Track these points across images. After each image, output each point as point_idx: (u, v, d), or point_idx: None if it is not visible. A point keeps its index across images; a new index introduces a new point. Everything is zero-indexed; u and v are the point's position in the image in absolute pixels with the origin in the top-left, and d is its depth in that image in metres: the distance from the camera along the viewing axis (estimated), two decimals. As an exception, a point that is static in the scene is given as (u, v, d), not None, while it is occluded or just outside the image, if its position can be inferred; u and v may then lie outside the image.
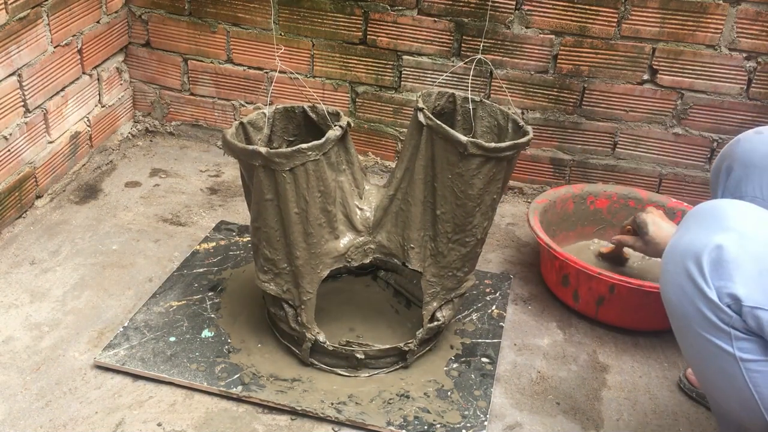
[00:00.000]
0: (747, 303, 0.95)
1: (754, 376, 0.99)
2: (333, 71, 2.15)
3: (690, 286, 0.99)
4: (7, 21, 1.73)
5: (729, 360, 0.99)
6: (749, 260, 0.96)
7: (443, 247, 1.39)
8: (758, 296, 0.95)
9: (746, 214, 1.00)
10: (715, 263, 0.97)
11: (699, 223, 1.02)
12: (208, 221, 1.95)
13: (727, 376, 1.01)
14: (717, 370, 1.02)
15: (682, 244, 1.02)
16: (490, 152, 1.29)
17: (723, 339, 0.99)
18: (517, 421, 1.41)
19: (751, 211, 1.01)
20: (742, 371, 0.99)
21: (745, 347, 0.98)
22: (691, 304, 1.00)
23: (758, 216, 1.00)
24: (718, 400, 1.08)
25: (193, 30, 2.19)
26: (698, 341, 1.02)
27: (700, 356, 1.04)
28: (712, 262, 0.97)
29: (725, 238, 0.97)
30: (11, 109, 1.80)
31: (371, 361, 1.45)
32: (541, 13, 1.95)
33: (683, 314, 1.02)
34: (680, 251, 1.01)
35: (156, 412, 1.37)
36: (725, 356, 0.99)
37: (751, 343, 0.98)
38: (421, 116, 1.33)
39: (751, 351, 0.98)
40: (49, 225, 1.90)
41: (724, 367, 1.01)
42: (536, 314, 1.69)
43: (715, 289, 0.97)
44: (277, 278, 1.39)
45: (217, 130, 2.33)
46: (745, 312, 0.96)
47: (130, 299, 1.65)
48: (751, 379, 0.99)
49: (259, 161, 1.28)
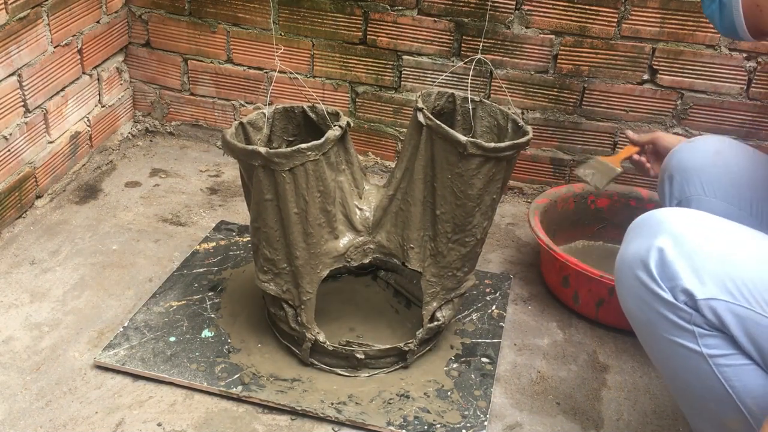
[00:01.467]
0: (699, 296, 0.98)
1: (724, 371, 1.00)
2: (333, 71, 2.15)
3: (645, 292, 1.02)
4: (7, 21, 1.73)
5: (698, 359, 1.01)
6: (688, 257, 0.99)
7: (443, 247, 1.39)
8: (708, 288, 0.97)
9: (678, 217, 1.04)
10: (661, 265, 1.00)
11: (638, 233, 1.06)
12: (208, 221, 1.95)
13: (699, 376, 1.02)
14: (688, 371, 1.03)
15: (628, 255, 1.05)
16: (489, 152, 1.29)
17: (688, 338, 1.01)
18: (517, 421, 1.41)
19: (682, 214, 1.05)
20: (713, 368, 1.01)
21: (711, 343, 1.00)
22: (651, 310, 1.03)
23: (689, 217, 1.05)
24: (693, 404, 1.09)
25: (193, 30, 2.19)
26: (665, 346, 1.04)
27: (669, 361, 1.05)
28: (658, 264, 1.01)
29: (663, 241, 1.01)
30: (11, 109, 1.80)
31: (371, 361, 1.45)
32: (541, 13, 1.95)
33: (646, 322, 1.05)
34: (628, 262, 1.05)
35: (156, 412, 1.37)
36: (694, 356, 1.01)
37: (716, 338, 0.99)
38: (420, 116, 1.33)
39: (718, 346, 1.00)
40: (49, 225, 1.90)
41: (694, 366, 1.02)
42: (536, 314, 1.69)
43: (669, 289, 1.00)
44: (277, 278, 1.39)
45: (217, 130, 2.33)
46: (701, 306, 0.98)
47: (130, 299, 1.66)
48: (723, 374, 1.00)
49: (258, 161, 1.28)
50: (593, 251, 1.88)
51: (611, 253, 1.88)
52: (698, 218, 1.05)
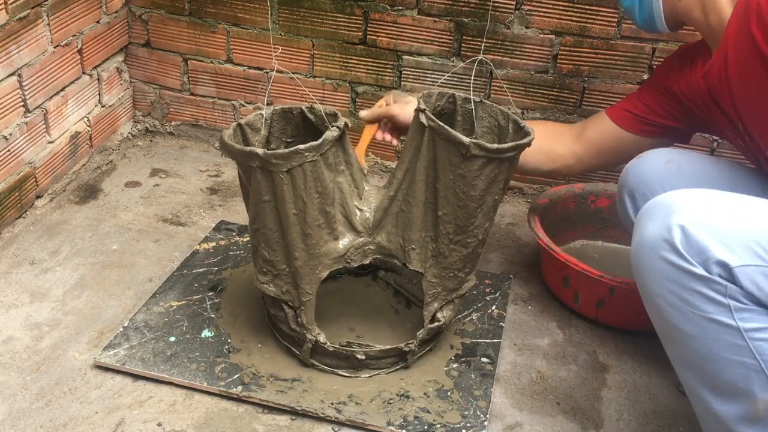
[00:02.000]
0: (734, 264, 0.96)
1: (759, 345, 0.99)
2: (333, 71, 2.15)
3: (674, 271, 1.00)
4: (7, 21, 1.73)
5: (732, 334, 0.99)
6: (711, 230, 0.98)
7: (444, 248, 1.39)
8: (740, 256, 0.96)
9: (687, 196, 1.04)
10: (686, 241, 0.98)
11: (651, 217, 1.05)
12: (208, 221, 1.95)
13: (732, 353, 1.00)
14: (720, 349, 1.01)
15: (648, 239, 1.03)
16: (492, 153, 1.29)
17: (723, 313, 0.98)
18: (517, 421, 1.41)
19: (690, 193, 1.05)
20: (748, 342, 0.99)
21: (746, 317, 0.98)
22: (683, 289, 1.00)
23: (697, 195, 1.04)
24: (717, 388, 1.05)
25: (193, 30, 2.19)
26: (697, 325, 1.01)
27: (700, 342, 1.02)
28: (683, 241, 0.99)
29: (681, 219, 1.00)
30: (11, 109, 1.80)
31: (372, 361, 1.45)
32: (541, 13, 1.95)
33: (676, 303, 1.02)
34: (649, 245, 1.03)
35: (156, 412, 1.37)
36: (728, 331, 0.99)
37: (752, 312, 0.98)
38: (423, 117, 1.33)
39: (753, 320, 0.98)
40: (49, 225, 1.90)
41: (728, 343, 1.00)
42: (536, 314, 1.69)
43: (700, 264, 0.98)
44: (277, 279, 1.39)
45: (217, 130, 2.33)
46: (737, 274, 0.96)
47: (130, 299, 1.66)
48: (757, 348, 0.99)
49: (256, 162, 1.28)
50: (593, 251, 1.88)
51: (611, 252, 1.88)
52: (705, 194, 1.04)
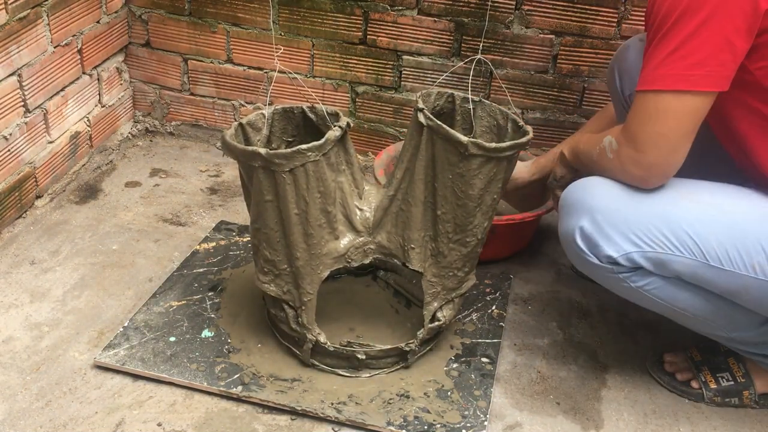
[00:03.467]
0: (615, 255, 1.29)
1: (651, 291, 1.33)
2: (333, 71, 2.15)
3: (581, 259, 1.33)
4: (7, 21, 1.73)
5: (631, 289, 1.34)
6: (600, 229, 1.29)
7: (444, 247, 1.39)
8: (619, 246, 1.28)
9: (591, 193, 1.31)
10: (583, 239, 1.31)
11: (565, 212, 1.35)
12: (208, 221, 1.95)
13: (642, 299, 1.37)
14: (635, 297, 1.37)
15: (562, 233, 1.36)
16: (491, 152, 1.29)
17: (618, 281, 1.33)
18: (517, 421, 1.41)
19: (595, 189, 1.31)
20: (643, 293, 1.34)
21: (634, 278, 1.32)
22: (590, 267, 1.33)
23: (600, 190, 1.31)
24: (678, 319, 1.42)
25: (193, 30, 2.19)
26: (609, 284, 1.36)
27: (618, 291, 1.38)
28: (582, 240, 1.31)
29: (581, 220, 1.30)
30: (11, 109, 1.80)
31: (372, 361, 1.45)
32: (541, 13, 1.96)
33: (590, 273, 1.37)
34: (564, 238, 1.35)
35: (156, 412, 1.37)
36: (628, 288, 1.34)
37: (636, 274, 1.31)
38: (421, 117, 1.33)
39: (639, 280, 1.32)
40: (49, 225, 1.90)
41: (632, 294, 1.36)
42: (536, 314, 1.69)
43: (594, 255, 1.31)
44: (278, 279, 1.39)
45: (217, 130, 2.33)
46: (619, 260, 1.29)
47: (130, 299, 1.66)
48: (651, 293, 1.33)
49: (258, 162, 1.28)
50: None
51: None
52: (606, 189, 1.30)
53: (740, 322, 1.37)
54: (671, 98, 1.20)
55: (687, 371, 1.50)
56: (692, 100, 1.20)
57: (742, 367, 1.47)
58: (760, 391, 1.46)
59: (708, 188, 1.32)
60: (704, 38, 1.16)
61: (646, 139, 1.23)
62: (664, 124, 1.21)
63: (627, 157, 1.27)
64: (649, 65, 1.21)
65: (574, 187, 1.36)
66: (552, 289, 1.78)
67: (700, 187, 1.32)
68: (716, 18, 1.15)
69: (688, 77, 1.18)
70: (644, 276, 1.31)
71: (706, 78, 1.18)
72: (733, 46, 1.16)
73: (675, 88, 1.19)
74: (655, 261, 1.28)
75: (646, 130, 1.23)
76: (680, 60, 1.17)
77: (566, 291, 1.77)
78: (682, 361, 1.51)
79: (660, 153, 1.23)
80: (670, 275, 1.31)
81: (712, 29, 1.15)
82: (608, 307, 1.72)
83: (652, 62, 1.21)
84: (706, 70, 1.17)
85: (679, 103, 1.20)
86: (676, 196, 1.29)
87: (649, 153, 1.24)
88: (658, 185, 1.29)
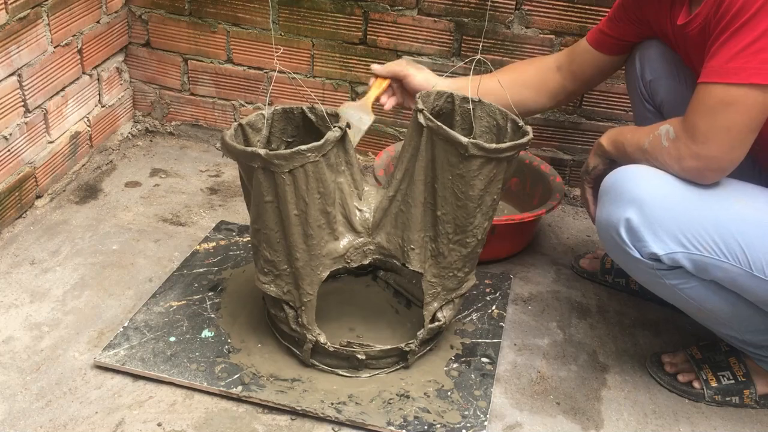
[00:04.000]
0: (661, 253, 1.27)
1: (684, 290, 1.33)
2: (333, 71, 2.15)
3: (620, 250, 1.31)
4: (7, 21, 1.73)
5: (666, 286, 1.33)
6: (649, 224, 1.26)
7: (444, 248, 1.39)
8: (667, 245, 1.26)
9: (639, 183, 1.28)
10: (629, 232, 1.28)
11: (608, 200, 1.32)
12: (208, 221, 1.95)
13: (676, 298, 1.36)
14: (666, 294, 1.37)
15: (603, 221, 1.33)
16: (491, 153, 1.29)
17: (656, 277, 1.32)
18: (517, 421, 1.41)
19: (643, 180, 1.29)
20: (677, 292, 1.33)
21: (671, 276, 1.31)
22: (627, 259, 1.32)
23: (648, 181, 1.28)
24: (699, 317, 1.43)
25: (193, 30, 2.19)
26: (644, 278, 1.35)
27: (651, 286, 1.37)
28: (627, 232, 1.28)
29: (629, 211, 1.27)
30: (11, 109, 1.80)
31: (372, 361, 1.45)
32: (541, 13, 1.95)
33: (625, 264, 1.35)
34: (604, 227, 1.33)
35: (156, 412, 1.37)
36: (664, 285, 1.33)
37: (675, 273, 1.30)
38: (421, 117, 1.33)
39: (677, 278, 1.31)
40: (49, 225, 1.90)
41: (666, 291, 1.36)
42: (536, 314, 1.69)
43: (637, 250, 1.29)
44: (278, 280, 1.40)
45: (217, 130, 2.33)
46: (663, 259, 1.27)
47: (130, 299, 1.66)
48: (683, 292, 1.33)
49: (258, 163, 1.28)
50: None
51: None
52: (658, 182, 1.28)
53: (758, 327, 1.37)
54: (742, 92, 1.19)
55: (688, 372, 1.49)
56: (762, 95, 1.18)
57: (743, 367, 1.47)
58: (760, 392, 1.46)
59: (763, 194, 1.30)
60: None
61: (708, 132, 1.22)
62: (730, 118, 1.20)
63: (685, 148, 1.25)
64: (721, 57, 1.20)
65: (622, 174, 1.32)
66: (552, 289, 1.78)
67: (755, 193, 1.30)
68: None
69: (762, 71, 1.17)
70: (681, 276, 1.30)
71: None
72: None
73: (749, 82, 1.18)
74: (699, 264, 1.27)
75: (709, 122, 1.21)
76: (755, 54, 1.17)
77: (566, 291, 1.77)
78: (683, 362, 1.51)
79: (721, 147, 1.22)
80: (708, 278, 1.29)
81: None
82: (608, 307, 1.72)
83: (724, 55, 1.19)
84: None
85: (751, 97, 1.19)
86: (730, 199, 1.27)
87: (710, 146, 1.22)
88: (713, 181, 1.27)
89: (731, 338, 1.44)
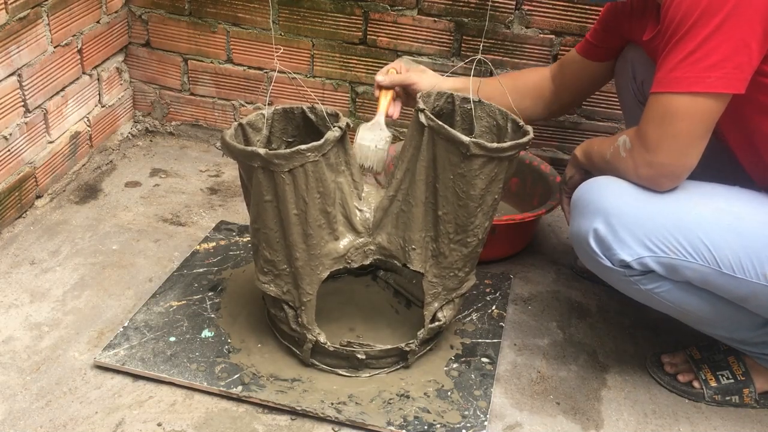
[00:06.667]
0: (629, 259, 1.29)
1: (660, 293, 1.34)
2: (333, 71, 2.15)
3: (592, 260, 1.34)
4: (7, 21, 1.73)
5: (642, 291, 1.35)
6: (615, 233, 1.29)
7: (445, 248, 1.39)
8: (634, 250, 1.29)
9: (605, 194, 1.31)
10: (597, 242, 1.31)
11: (578, 212, 1.35)
12: (208, 221, 1.95)
13: (652, 301, 1.38)
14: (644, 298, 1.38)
15: (574, 233, 1.37)
16: (492, 152, 1.29)
17: (629, 283, 1.34)
18: (517, 421, 1.41)
19: (609, 190, 1.32)
20: (653, 296, 1.35)
21: (644, 281, 1.33)
22: (600, 268, 1.35)
23: (614, 191, 1.31)
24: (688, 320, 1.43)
25: (193, 30, 2.19)
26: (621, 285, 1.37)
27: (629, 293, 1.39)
28: (595, 242, 1.31)
29: (596, 222, 1.30)
30: (11, 109, 1.80)
31: (372, 361, 1.45)
32: (541, 13, 1.96)
33: (600, 272, 1.37)
34: (575, 238, 1.36)
35: (156, 412, 1.37)
36: (638, 289, 1.35)
37: (646, 277, 1.32)
38: (422, 117, 1.33)
39: (650, 282, 1.33)
40: (49, 225, 1.90)
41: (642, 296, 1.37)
42: (536, 314, 1.69)
43: (607, 258, 1.32)
44: (277, 279, 1.39)
45: (217, 130, 2.33)
46: (632, 264, 1.29)
47: (130, 299, 1.66)
48: (660, 296, 1.34)
49: (258, 162, 1.28)
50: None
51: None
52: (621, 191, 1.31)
53: (743, 324, 1.38)
54: (685, 100, 1.21)
55: (687, 372, 1.50)
56: (705, 103, 1.20)
57: (742, 366, 1.47)
58: (759, 390, 1.46)
59: (724, 194, 1.32)
60: (720, 41, 1.17)
61: (657, 140, 1.24)
62: (676, 126, 1.22)
63: (639, 157, 1.28)
64: (665, 68, 1.22)
65: (588, 187, 1.36)
66: (552, 289, 1.78)
67: (716, 193, 1.32)
68: (732, 21, 1.16)
69: (703, 79, 1.19)
70: (655, 280, 1.32)
71: (721, 80, 1.19)
72: (749, 49, 1.18)
73: (689, 90, 1.20)
74: (668, 266, 1.29)
75: (658, 131, 1.24)
76: (696, 63, 1.19)
77: (566, 291, 1.77)
78: (682, 362, 1.51)
79: (670, 154, 1.24)
80: (681, 280, 1.31)
81: (728, 32, 1.16)
82: (608, 307, 1.72)
83: (667, 65, 1.22)
84: (722, 73, 1.18)
85: (693, 105, 1.21)
86: (692, 201, 1.29)
87: (660, 154, 1.25)
88: (669, 188, 1.29)
89: (723, 338, 1.45)
